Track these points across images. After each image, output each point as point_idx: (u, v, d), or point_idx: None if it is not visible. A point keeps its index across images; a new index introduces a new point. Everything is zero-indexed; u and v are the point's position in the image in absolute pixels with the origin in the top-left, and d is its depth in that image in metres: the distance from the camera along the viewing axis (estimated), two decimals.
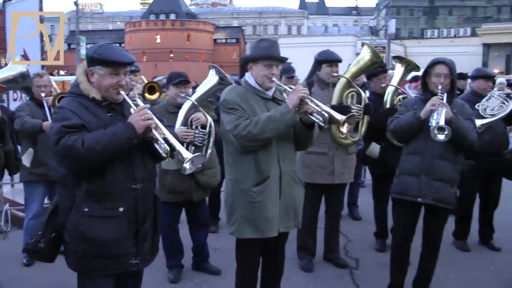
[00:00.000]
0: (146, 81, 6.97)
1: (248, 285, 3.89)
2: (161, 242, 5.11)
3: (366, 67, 5.40)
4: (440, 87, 4.22)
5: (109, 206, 2.91)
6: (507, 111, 5.57)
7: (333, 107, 4.87)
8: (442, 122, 4.00)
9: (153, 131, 2.92)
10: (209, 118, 4.80)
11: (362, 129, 5.27)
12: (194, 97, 4.82)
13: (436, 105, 4.10)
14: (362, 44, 5.71)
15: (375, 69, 5.73)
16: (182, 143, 4.68)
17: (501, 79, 11.30)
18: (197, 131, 4.74)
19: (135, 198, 2.99)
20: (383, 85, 5.79)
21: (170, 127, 3.20)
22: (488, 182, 5.92)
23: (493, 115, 5.60)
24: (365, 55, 5.37)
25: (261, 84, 3.65)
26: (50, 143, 2.87)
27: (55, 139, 2.78)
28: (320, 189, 5.27)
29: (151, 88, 6.54)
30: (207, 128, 4.78)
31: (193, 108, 4.79)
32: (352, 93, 5.21)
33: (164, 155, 2.95)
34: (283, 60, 3.77)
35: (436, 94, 4.22)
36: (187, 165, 2.94)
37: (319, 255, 5.54)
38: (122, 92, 2.99)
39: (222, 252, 5.76)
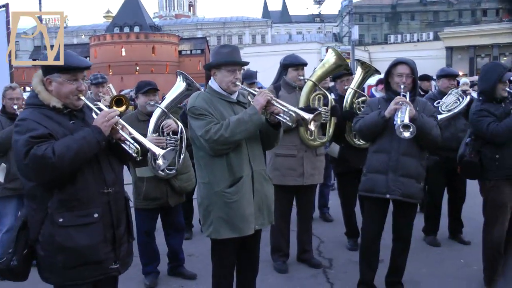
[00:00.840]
0: (114, 91, 6.94)
1: (225, 286, 3.91)
2: (137, 250, 5.14)
3: (332, 70, 5.50)
4: (402, 86, 4.35)
5: (83, 213, 2.89)
6: (462, 106, 5.76)
7: (301, 109, 4.94)
8: (406, 120, 4.11)
9: (120, 131, 2.94)
10: (180, 124, 4.86)
11: (330, 130, 5.35)
12: (164, 104, 4.87)
13: (400, 103, 4.21)
14: (327, 49, 5.79)
15: (340, 72, 5.83)
16: None
17: (464, 80, 11.58)
18: (168, 138, 4.77)
19: (108, 202, 2.99)
20: (346, 87, 5.90)
21: (143, 135, 3.21)
22: (453, 177, 6.04)
23: (449, 111, 5.77)
24: (330, 58, 5.46)
25: (225, 89, 3.72)
26: (17, 156, 2.79)
27: (23, 151, 2.71)
28: (290, 191, 5.32)
29: (118, 101, 6.53)
30: (179, 134, 4.83)
31: (163, 115, 4.83)
32: (318, 95, 5.29)
33: (134, 154, 2.97)
34: (245, 64, 3.89)
35: (399, 93, 4.34)
36: (160, 161, 2.96)
37: (292, 256, 5.59)
38: (83, 98, 2.97)
39: (197, 258, 5.80)
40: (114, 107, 6.29)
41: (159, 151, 2.96)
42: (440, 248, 6.04)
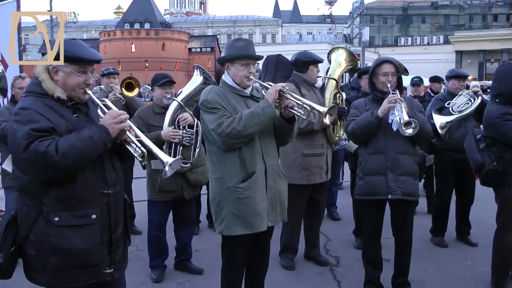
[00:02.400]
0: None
1: (235, 282, 3.89)
2: (147, 242, 5.17)
3: (345, 68, 5.55)
4: (389, 85, 4.36)
5: (81, 214, 2.73)
6: (473, 107, 5.73)
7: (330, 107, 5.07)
8: (406, 117, 4.12)
9: (127, 133, 2.81)
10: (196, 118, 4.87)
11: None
12: (180, 97, 4.88)
13: (393, 101, 4.21)
14: (331, 50, 5.79)
15: (366, 68, 5.84)
16: (170, 143, 4.73)
17: (475, 82, 11.58)
18: (184, 131, 4.80)
19: (107, 204, 2.84)
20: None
21: (158, 128, 3.11)
22: (462, 178, 6.05)
23: (460, 112, 5.76)
24: (342, 56, 5.51)
25: (239, 83, 3.70)
26: (15, 148, 2.61)
27: (23, 144, 2.53)
28: (309, 189, 5.32)
29: (128, 84, 6.48)
30: (194, 128, 4.86)
31: (180, 109, 4.85)
32: (337, 94, 5.35)
33: (139, 158, 2.86)
34: (259, 58, 3.85)
35: (385, 93, 4.35)
36: (167, 168, 2.82)
37: (299, 254, 5.59)
38: (89, 92, 2.83)
39: (204, 253, 5.80)
40: (125, 91, 6.31)
41: (166, 159, 2.83)
42: (447, 249, 6.02)
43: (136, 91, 6.45)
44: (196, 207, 6.71)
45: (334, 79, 5.32)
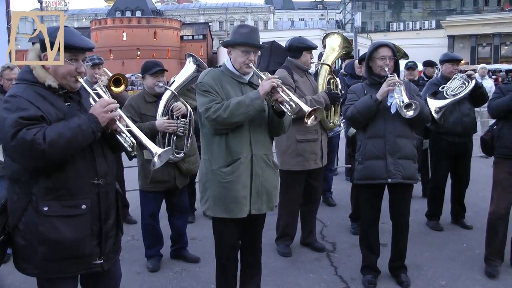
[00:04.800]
0: (110, 73, 6.83)
1: (228, 266, 3.88)
2: (141, 232, 5.15)
3: (339, 53, 5.52)
4: (387, 68, 4.35)
5: (70, 204, 2.70)
6: (467, 91, 5.73)
7: (327, 94, 5.03)
8: (406, 99, 4.13)
9: (118, 123, 2.75)
10: (189, 107, 4.86)
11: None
12: (174, 86, 4.84)
13: (392, 84, 4.21)
14: (325, 36, 5.73)
15: (365, 54, 5.81)
16: (165, 134, 4.70)
17: (483, 65, 11.72)
18: (178, 121, 4.76)
19: (98, 194, 2.81)
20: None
21: (151, 117, 3.06)
22: (457, 162, 6.09)
23: (454, 95, 5.76)
24: (337, 41, 5.48)
25: (238, 69, 3.69)
26: (4, 136, 2.56)
27: (11, 132, 2.49)
28: (305, 175, 5.31)
29: (116, 80, 6.35)
30: (188, 117, 4.83)
31: (173, 98, 4.81)
32: (332, 80, 5.31)
33: (129, 149, 2.80)
34: (260, 47, 3.81)
35: (382, 77, 4.35)
36: (156, 159, 2.78)
37: (295, 240, 5.60)
38: (81, 80, 2.78)
39: (200, 241, 5.81)
40: (113, 87, 6.20)
41: (156, 150, 2.77)
42: (442, 233, 6.04)
43: (122, 87, 6.33)
44: (191, 194, 6.70)
45: (327, 64, 5.29)
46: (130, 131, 2.77)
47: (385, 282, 4.64)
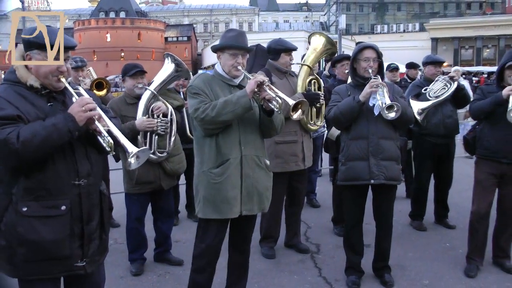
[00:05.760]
0: (94, 74, 6.78)
1: (204, 268, 3.87)
2: (126, 235, 5.10)
3: (321, 53, 5.50)
4: (371, 70, 4.37)
5: (50, 205, 2.66)
6: (449, 92, 5.78)
7: (305, 95, 4.97)
8: (388, 101, 4.15)
9: (96, 122, 2.69)
10: (169, 106, 4.85)
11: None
12: (153, 86, 4.83)
13: (375, 86, 4.22)
14: (310, 36, 5.71)
15: (339, 56, 5.82)
16: (146, 133, 4.67)
17: (456, 67, 11.74)
18: (159, 120, 4.75)
19: (79, 195, 2.75)
20: (347, 71, 5.86)
21: (115, 118, 3.01)
22: (440, 163, 6.14)
23: (437, 97, 5.80)
24: (320, 42, 5.46)
25: (227, 73, 3.73)
26: None
27: None
28: (287, 177, 5.29)
29: (99, 84, 6.36)
30: (168, 116, 4.81)
31: (153, 98, 4.81)
32: (313, 80, 5.30)
33: (108, 148, 2.73)
34: (249, 50, 3.82)
35: (366, 79, 4.36)
36: (132, 160, 2.71)
37: (279, 242, 5.59)
38: (63, 79, 2.73)
39: (184, 244, 5.78)
40: (95, 91, 6.13)
41: (132, 149, 2.69)
42: (426, 233, 6.09)
43: (104, 91, 6.30)
44: (175, 197, 6.67)
45: (307, 65, 5.27)
46: (108, 131, 2.72)
47: (369, 282, 4.65)
